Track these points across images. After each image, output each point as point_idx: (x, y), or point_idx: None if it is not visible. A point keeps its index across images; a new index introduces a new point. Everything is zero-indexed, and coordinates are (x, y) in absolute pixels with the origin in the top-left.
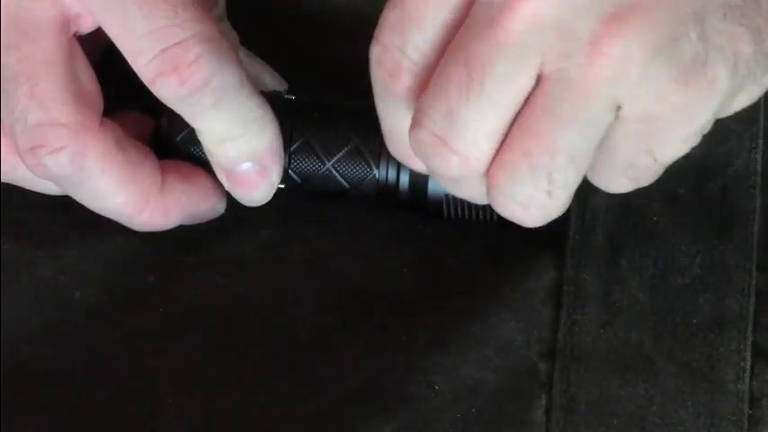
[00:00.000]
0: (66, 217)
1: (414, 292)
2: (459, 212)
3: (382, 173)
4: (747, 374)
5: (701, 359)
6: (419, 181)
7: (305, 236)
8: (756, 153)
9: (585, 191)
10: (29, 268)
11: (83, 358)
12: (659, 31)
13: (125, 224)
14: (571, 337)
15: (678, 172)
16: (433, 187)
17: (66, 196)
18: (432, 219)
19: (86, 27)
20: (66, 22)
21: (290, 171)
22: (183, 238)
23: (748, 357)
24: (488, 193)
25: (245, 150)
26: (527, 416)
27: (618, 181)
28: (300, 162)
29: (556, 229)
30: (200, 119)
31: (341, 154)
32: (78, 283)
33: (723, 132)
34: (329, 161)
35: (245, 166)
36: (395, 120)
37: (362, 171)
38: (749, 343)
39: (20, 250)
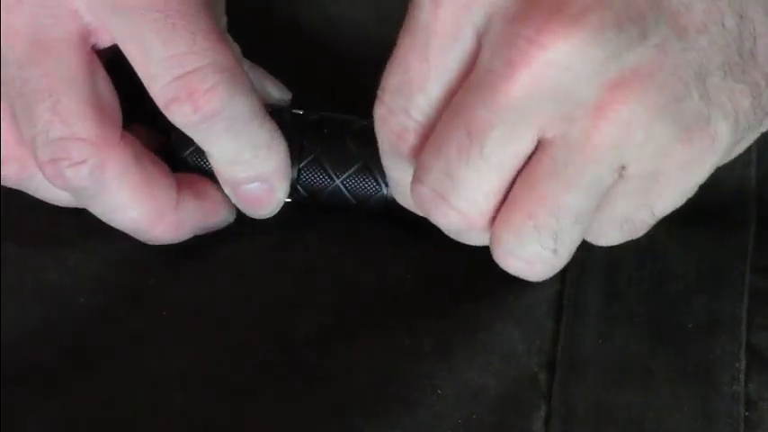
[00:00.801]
0: (69, 220)
1: (417, 297)
2: None
3: (390, 191)
4: (743, 376)
5: (696, 363)
6: None
7: (306, 239)
8: (750, 167)
9: None
10: (32, 271)
11: (84, 360)
12: (663, 93)
13: (137, 238)
14: (570, 349)
15: None
16: None
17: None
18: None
19: (105, 41)
20: (85, 36)
21: (298, 186)
22: (185, 242)
23: (743, 359)
24: (492, 250)
25: (252, 173)
26: (527, 424)
27: (611, 235)
28: (309, 177)
29: None
30: (211, 144)
31: (350, 171)
32: (80, 285)
33: None
34: (338, 178)
35: (253, 185)
36: (400, 173)
37: (371, 188)
38: (744, 344)
39: (23, 253)
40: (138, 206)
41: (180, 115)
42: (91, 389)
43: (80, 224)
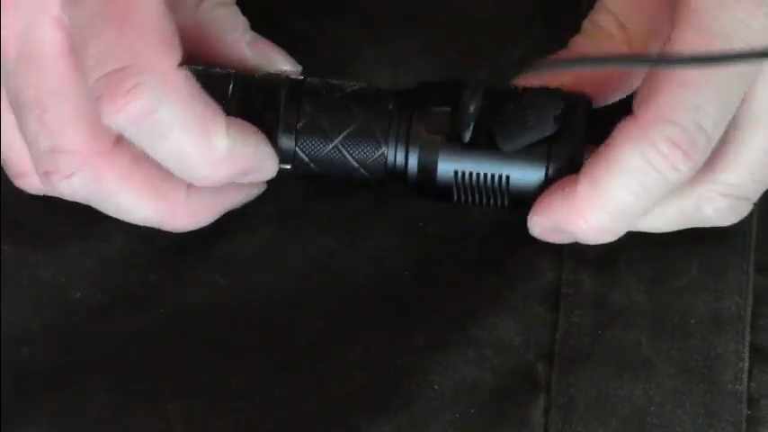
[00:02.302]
0: (66, 217)
1: (413, 293)
2: (470, 198)
3: (390, 152)
4: (746, 375)
5: (699, 360)
6: (428, 163)
7: (305, 235)
8: None
9: None
10: (29, 269)
11: (83, 359)
12: None
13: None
14: (569, 339)
15: None
16: (443, 170)
17: None
18: (432, 219)
19: None
20: (71, 42)
21: (297, 150)
22: (183, 237)
23: (746, 358)
24: None
25: (219, 178)
26: (526, 416)
27: None
28: (308, 140)
29: None
30: (152, 150)
31: (348, 130)
32: (79, 284)
33: None
34: (337, 138)
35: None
36: None
37: (371, 149)
38: (747, 343)
39: (20, 251)
40: (146, 206)
41: (105, 114)
42: (90, 389)
43: (76, 222)
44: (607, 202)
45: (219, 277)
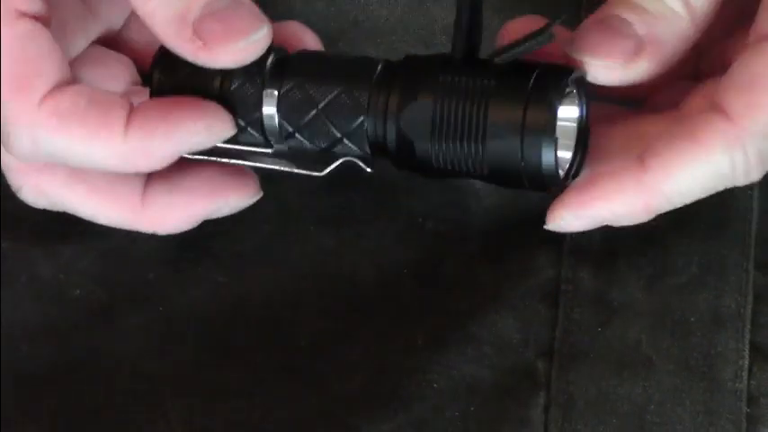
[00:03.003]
0: (65, 215)
1: (412, 292)
2: (449, 166)
3: (371, 121)
4: (745, 373)
5: (698, 358)
6: (405, 134)
7: (304, 233)
8: None
9: None
10: (28, 267)
11: (83, 358)
12: None
13: None
14: (569, 336)
15: None
16: (421, 151)
17: None
18: (431, 216)
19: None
20: None
21: (280, 118)
22: (182, 234)
23: (746, 356)
24: None
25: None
26: (526, 414)
27: None
28: (290, 108)
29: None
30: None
31: (331, 96)
32: (78, 282)
33: None
34: (319, 105)
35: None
36: None
37: (352, 116)
38: (747, 341)
39: (20, 248)
40: (103, 211)
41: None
42: (90, 388)
43: (76, 220)
44: (674, 192)
45: (219, 276)
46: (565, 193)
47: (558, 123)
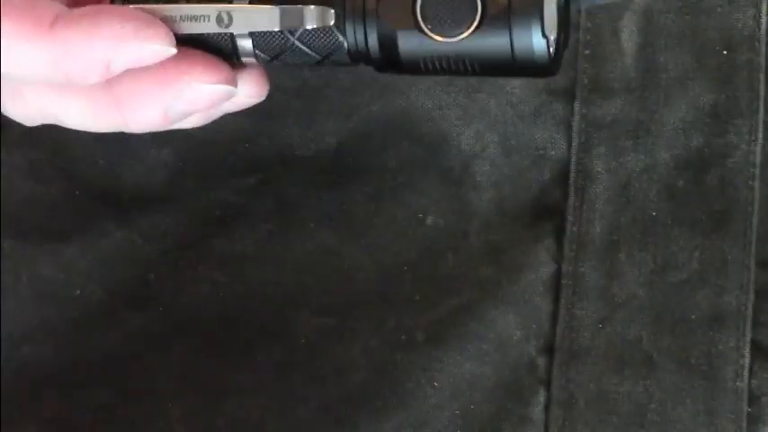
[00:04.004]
0: (66, 215)
1: (412, 288)
2: (437, 67)
3: (350, 39)
4: (746, 372)
5: (699, 356)
6: (389, 43)
7: (304, 229)
8: (755, 145)
9: (583, 183)
10: (29, 266)
11: (83, 358)
12: None
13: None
14: (570, 333)
15: (677, 164)
16: (405, 47)
17: (67, 194)
18: (431, 211)
19: None
20: None
21: (256, 51)
22: (183, 233)
23: (747, 355)
24: None
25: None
26: (526, 412)
27: None
28: (263, 40)
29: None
30: None
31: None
32: (78, 282)
33: (722, 124)
34: (293, 35)
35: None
36: None
37: (329, 41)
38: (748, 340)
39: (20, 248)
40: (76, 112)
41: None
42: (89, 388)
43: (76, 219)
44: None
45: (218, 275)
46: None
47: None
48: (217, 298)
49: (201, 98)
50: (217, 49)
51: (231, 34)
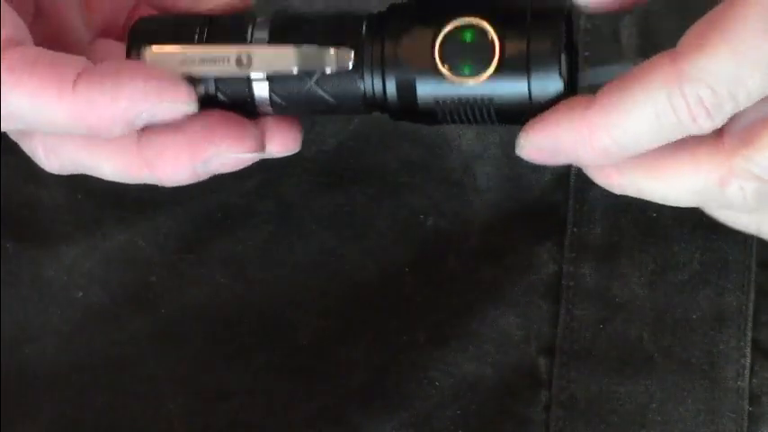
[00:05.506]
0: (68, 216)
1: (414, 289)
2: (455, 117)
3: (368, 83)
4: (747, 371)
5: (700, 356)
6: (407, 86)
7: (305, 231)
8: None
9: (583, 184)
10: (31, 267)
11: (84, 359)
12: None
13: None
14: (570, 333)
15: None
16: (423, 91)
17: (69, 196)
18: (432, 212)
19: None
20: None
21: (272, 95)
22: (184, 234)
23: (748, 354)
24: None
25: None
26: (527, 412)
27: None
28: (281, 83)
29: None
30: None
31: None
32: (80, 283)
33: None
34: (311, 78)
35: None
36: None
37: (347, 84)
38: (749, 340)
39: (22, 249)
40: (105, 162)
41: None
42: (90, 389)
43: (78, 221)
44: (618, 128)
45: (220, 276)
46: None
47: None
48: (218, 299)
49: (230, 164)
50: (233, 99)
51: (248, 82)
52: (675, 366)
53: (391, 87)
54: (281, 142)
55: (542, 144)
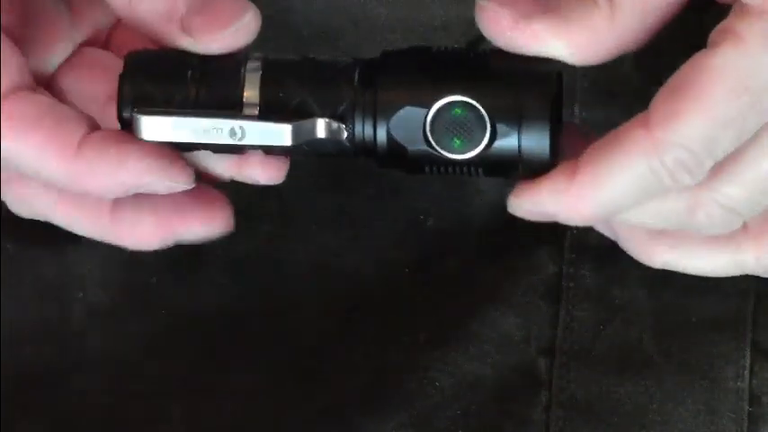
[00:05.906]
0: None
1: (414, 290)
2: (442, 169)
3: (358, 132)
4: (747, 372)
5: (700, 357)
6: (397, 152)
7: (305, 232)
8: None
9: None
10: (31, 268)
11: (84, 359)
12: None
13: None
14: (570, 334)
15: None
16: (414, 157)
17: None
18: (432, 213)
19: None
20: None
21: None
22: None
23: (748, 355)
24: None
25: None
26: (527, 413)
27: None
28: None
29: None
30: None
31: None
32: (80, 284)
33: None
34: (303, 142)
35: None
36: None
37: (337, 147)
38: (749, 341)
39: (22, 249)
40: (76, 223)
41: None
42: (91, 390)
43: None
44: (603, 198)
45: (220, 277)
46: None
47: None
48: (218, 300)
49: (199, 238)
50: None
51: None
52: (675, 367)
53: (382, 137)
54: (266, 175)
55: (531, 211)
